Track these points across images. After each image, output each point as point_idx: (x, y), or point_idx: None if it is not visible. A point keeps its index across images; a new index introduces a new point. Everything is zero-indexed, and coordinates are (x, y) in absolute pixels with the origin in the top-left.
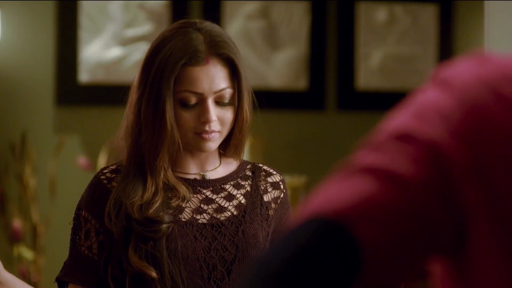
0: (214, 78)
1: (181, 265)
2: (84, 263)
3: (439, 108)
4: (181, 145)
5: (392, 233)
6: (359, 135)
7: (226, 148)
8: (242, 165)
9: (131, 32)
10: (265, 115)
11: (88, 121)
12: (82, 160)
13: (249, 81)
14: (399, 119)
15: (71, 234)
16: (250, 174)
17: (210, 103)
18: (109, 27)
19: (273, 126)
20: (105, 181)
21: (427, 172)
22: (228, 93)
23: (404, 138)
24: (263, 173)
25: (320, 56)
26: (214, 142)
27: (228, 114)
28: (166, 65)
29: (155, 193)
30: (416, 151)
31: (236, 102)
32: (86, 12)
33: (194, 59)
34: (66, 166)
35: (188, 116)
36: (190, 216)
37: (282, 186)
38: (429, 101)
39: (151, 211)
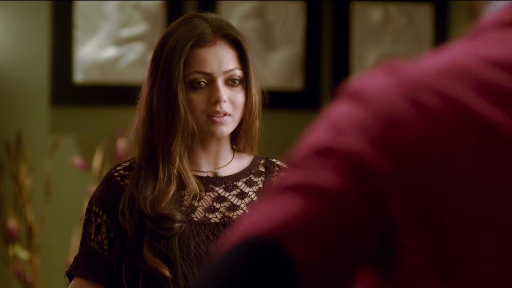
0: (222, 58)
1: (194, 265)
2: (93, 258)
3: (355, 120)
4: (195, 129)
5: (322, 246)
6: None
7: (237, 137)
8: (256, 160)
9: (126, 32)
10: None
11: (83, 121)
12: (77, 160)
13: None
14: (315, 134)
15: (82, 230)
16: (263, 170)
17: (220, 83)
18: (104, 27)
19: (268, 125)
20: (118, 178)
21: (350, 182)
22: (237, 74)
23: (323, 152)
24: (277, 168)
25: (316, 56)
26: (226, 126)
27: (239, 96)
28: (174, 51)
29: (168, 183)
30: (337, 163)
31: (245, 85)
32: (81, 12)
33: (201, 40)
34: (62, 166)
35: (199, 99)
36: (202, 215)
37: None
38: (344, 115)
39: (163, 204)
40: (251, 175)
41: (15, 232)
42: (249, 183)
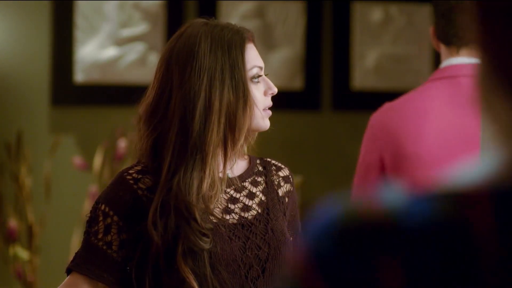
0: (258, 54)
1: (221, 266)
2: (99, 256)
3: None
4: (253, 125)
5: None
6: (355, 135)
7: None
8: (253, 161)
9: (127, 32)
10: None
11: (84, 121)
12: (77, 160)
13: None
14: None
15: (86, 227)
16: (262, 169)
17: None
18: (104, 27)
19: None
20: (131, 181)
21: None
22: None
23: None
24: (274, 167)
25: (316, 56)
26: None
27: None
28: (234, 49)
29: (212, 185)
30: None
31: None
32: (82, 12)
33: (246, 38)
34: (62, 166)
35: (258, 94)
36: (220, 217)
37: (291, 180)
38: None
39: (212, 205)
40: (254, 175)
41: (15, 232)
42: (254, 183)
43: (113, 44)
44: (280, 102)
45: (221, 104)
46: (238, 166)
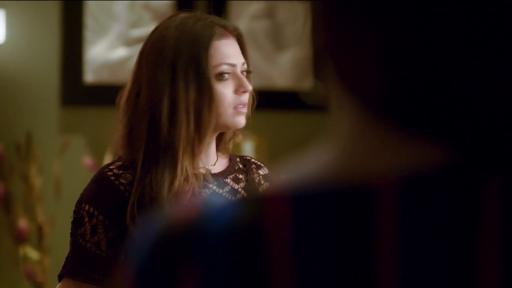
0: (237, 51)
1: None
2: (91, 260)
3: None
4: (221, 123)
5: None
6: None
7: (227, 133)
8: (233, 158)
9: (136, 32)
10: (270, 115)
11: (93, 121)
12: (87, 160)
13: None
14: None
15: (72, 229)
16: (242, 167)
17: (241, 74)
18: (114, 27)
19: (278, 126)
20: (112, 177)
21: None
22: (246, 66)
23: None
24: (254, 165)
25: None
26: (245, 117)
27: (250, 87)
28: (199, 44)
29: (186, 181)
30: None
31: None
32: (91, 12)
33: (220, 33)
34: (71, 166)
35: (226, 91)
36: None
37: (271, 178)
38: None
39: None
40: (235, 173)
41: (25, 232)
42: (236, 180)
43: (123, 44)
44: (290, 102)
45: (187, 100)
46: (220, 164)
